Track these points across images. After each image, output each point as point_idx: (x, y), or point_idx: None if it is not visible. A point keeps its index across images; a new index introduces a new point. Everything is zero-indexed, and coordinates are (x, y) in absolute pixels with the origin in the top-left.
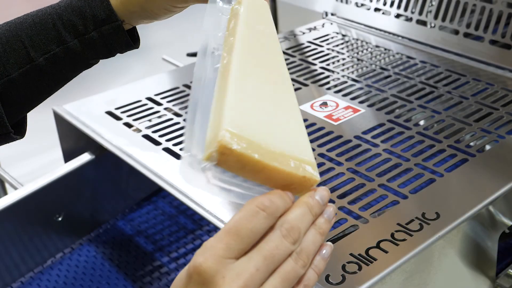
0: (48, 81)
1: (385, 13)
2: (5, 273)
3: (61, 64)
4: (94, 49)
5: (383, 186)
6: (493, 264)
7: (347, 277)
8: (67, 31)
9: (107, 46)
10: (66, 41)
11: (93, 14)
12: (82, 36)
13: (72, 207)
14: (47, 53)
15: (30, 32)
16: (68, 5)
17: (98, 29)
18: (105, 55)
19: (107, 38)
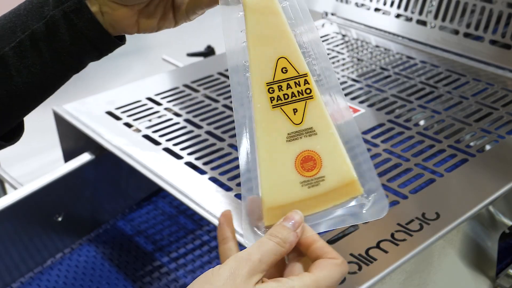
0: (17, 80)
1: (385, 13)
2: (5, 273)
3: (29, 56)
4: (58, 33)
5: (383, 186)
6: (493, 264)
7: (347, 277)
8: (33, 15)
9: (71, 28)
10: (31, 25)
11: None
12: (45, 18)
13: (72, 207)
14: (13, 41)
15: (3, 21)
16: None
17: (61, 7)
18: (74, 44)
19: (70, 17)
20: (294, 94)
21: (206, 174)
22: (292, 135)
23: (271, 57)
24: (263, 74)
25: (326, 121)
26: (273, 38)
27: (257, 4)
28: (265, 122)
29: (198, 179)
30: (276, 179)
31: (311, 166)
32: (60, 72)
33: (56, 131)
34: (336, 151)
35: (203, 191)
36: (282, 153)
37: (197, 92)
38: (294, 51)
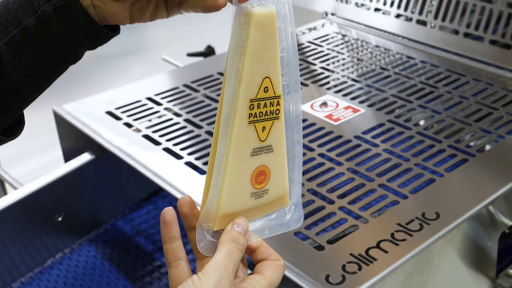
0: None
1: (385, 13)
2: (5, 273)
3: (22, 51)
4: (50, 27)
5: (383, 186)
6: (493, 264)
7: (347, 277)
8: (25, 9)
9: (63, 22)
10: (23, 20)
11: None
12: (36, 13)
13: (72, 207)
14: (6, 37)
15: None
16: None
17: (51, 2)
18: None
19: (61, 11)
20: (267, 113)
21: (206, 174)
22: (256, 150)
23: (260, 76)
24: (249, 90)
25: (282, 140)
26: (266, 57)
27: (263, 22)
28: (240, 136)
29: (198, 179)
30: (235, 189)
31: (262, 179)
32: (55, 65)
33: (56, 131)
34: (282, 168)
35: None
36: (245, 166)
37: (197, 92)
38: (277, 73)
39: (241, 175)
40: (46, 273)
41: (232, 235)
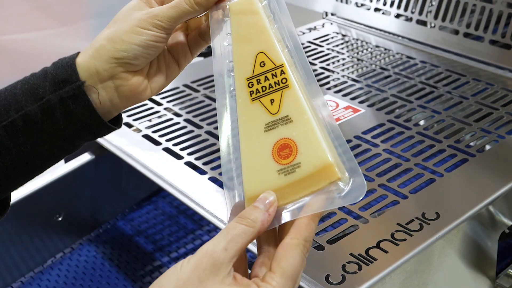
0: (8, 158)
1: (385, 13)
2: (5, 273)
3: (20, 136)
4: (53, 117)
5: (383, 186)
6: (493, 264)
7: (347, 277)
8: (28, 95)
9: (67, 113)
10: (25, 106)
11: (55, 74)
12: (41, 100)
13: (72, 207)
14: (5, 120)
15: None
16: (41, 70)
17: (57, 92)
18: (68, 129)
19: (66, 102)
20: (271, 85)
21: (206, 174)
22: (270, 125)
23: (251, 54)
24: (243, 70)
25: (301, 108)
26: (253, 36)
27: (239, 7)
28: (245, 115)
29: (198, 179)
30: (255, 169)
31: (287, 153)
32: (50, 153)
33: None
34: (311, 137)
35: (203, 191)
36: (260, 143)
37: (197, 92)
38: (271, 45)
39: (258, 153)
40: (46, 273)
41: (241, 212)
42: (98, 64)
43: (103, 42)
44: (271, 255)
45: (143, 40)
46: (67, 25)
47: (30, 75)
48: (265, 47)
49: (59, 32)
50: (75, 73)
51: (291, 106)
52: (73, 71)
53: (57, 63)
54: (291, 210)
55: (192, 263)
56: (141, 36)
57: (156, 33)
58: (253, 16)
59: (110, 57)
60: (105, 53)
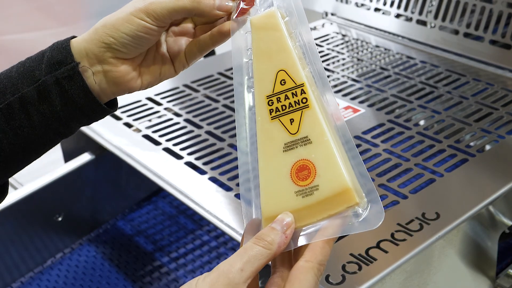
0: (5, 141)
1: (385, 13)
2: (5, 273)
3: (17, 119)
4: (49, 98)
5: (383, 186)
6: (493, 264)
7: (347, 277)
8: (24, 78)
9: (63, 94)
10: (22, 88)
11: (51, 56)
12: (36, 82)
13: (72, 207)
14: (2, 103)
15: None
16: (37, 53)
17: (53, 73)
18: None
19: (62, 83)
20: (291, 104)
21: (206, 174)
22: (289, 145)
23: (272, 71)
24: (264, 87)
25: (320, 129)
26: (274, 53)
27: (261, 22)
28: (264, 134)
29: (198, 179)
30: (273, 189)
31: (305, 175)
32: (46, 136)
33: None
34: (330, 159)
35: (203, 191)
36: (279, 163)
37: (197, 92)
38: (292, 63)
39: (276, 173)
40: (46, 273)
41: (258, 233)
42: (88, 47)
43: (97, 26)
44: (285, 276)
45: (133, 30)
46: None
47: (26, 59)
48: (286, 65)
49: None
50: (70, 55)
51: (311, 127)
52: (67, 52)
53: (53, 46)
54: (307, 234)
55: (208, 282)
56: (132, 25)
57: (147, 24)
58: (275, 32)
59: (99, 41)
60: (96, 37)
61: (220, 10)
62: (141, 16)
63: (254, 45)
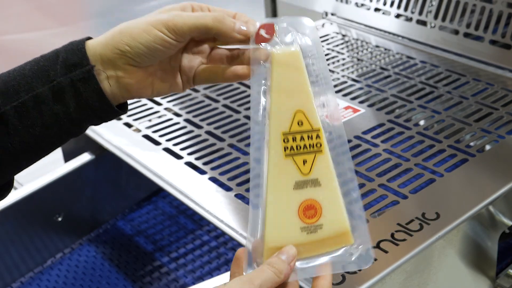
0: (17, 139)
1: (385, 13)
2: (5, 273)
3: (30, 117)
4: (63, 99)
5: (383, 186)
6: (493, 264)
7: (347, 277)
8: (39, 77)
9: (77, 96)
10: (36, 87)
11: (66, 58)
12: (52, 82)
13: (72, 207)
14: (15, 101)
15: (6, 78)
16: (51, 52)
17: (68, 75)
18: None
19: (77, 85)
20: (306, 146)
21: (206, 174)
22: (299, 183)
23: (290, 110)
24: (281, 124)
25: (331, 175)
26: (293, 92)
27: (284, 59)
28: (278, 168)
29: (198, 179)
30: (280, 222)
31: (312, 214)
32: (58, 136)
33: None
34: (336, 204)
35: (203, 191)
36: (288, 199)
37: (197, 92)
38: (311, 107)
39: (285, 207)
40: (46, 273)
41: (269, 260)
42: (103, 52)
43: (115, 32)
44: None
45: (149, 41)
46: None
47: (40, 57)
48: (304, 107)
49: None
50: (85, 58)
51: (322, 171)
52: (83, 55)
53: (68, 46)
54: (305, 268)
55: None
56: (149, 36)
57: (165, 36)
58: (297, 72)
59: (114, 47)
60: (111, 43)
61: (239, 34)
62: (160, 28)
63: (274, 79)
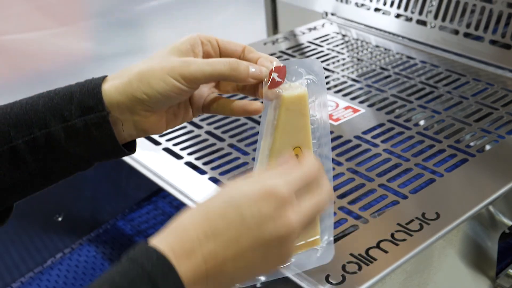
0: (26, 171)
1: (385, 13)
2: (5, 273)
3: (41, 152)
4: (76, 140)
5: (383, 186)
6: (493, 264)
7: (347, 277)
8: (52, 115)
9: (90, 138)
10: (49, 125)
11: (81, 99)
12: (65, 123)
13: (72, 207)
14: (27, 135)
15: (18, 111)
16: (63, 89)
17: (83, 117)
18: (88, 152)
19: (90, 128)
20: None
21: (206, 174)
22: None
23: (290, 146)
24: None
25: None
26: (296, 131)
27: (293, 102)
28: None
29: (198, 179)
30: None
31: None
32: (66, 170)
33: None
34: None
35: (203, 191)
36: None
37: None
38: (308, 142)
39: None
40: (46, 273)
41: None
42: (120, 99)
43: (131, 78)
44: None
45: (166, 90)
46: (67, 25)
47: (54, 93)
48: (303, 143)
49: (59, 32)
50: (101, 103)
51: None
52: (99, 100)
53: (83, 88)
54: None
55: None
56: (167, 85)
57: (181, 85)
58: (302, 116)
59: (132, 95)
60: (129, 90)
61: (253, 78)
62: (177, 78)
63: (281, 118)
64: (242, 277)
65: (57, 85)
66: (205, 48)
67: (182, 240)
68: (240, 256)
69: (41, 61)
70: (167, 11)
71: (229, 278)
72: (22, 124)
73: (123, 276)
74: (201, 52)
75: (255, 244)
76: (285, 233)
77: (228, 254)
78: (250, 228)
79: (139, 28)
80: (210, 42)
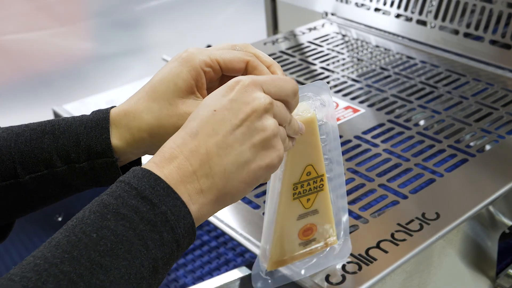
0: (32, 197)
1: (385, 13)
2: (5, 273)
3: (47, 185)
4: (83, 178)
5: (383, 186)
6: (493, 264)
7: (347, 277)
8: (59, 155)
9: (97, 178)
10: (56, 165)
11: (89, 144)
12: (72, 164)
13: (72, 207)
14: (34, 172)
15: (23, 147)
16: (67, 128)
17: (91, 161)
18: (95, 185)
19: (98, 171)
20: (311, 189)
21: None
22: (302, 215)
23: (302, 166)
24: (292, 176)
25: (328, 205)
26: (307, 151)
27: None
28: (286, 209)
29: None
30: (284, 243)
31: (309, 233)
32: (64, 195)
33: None
34: (329, 223)
35: None
36: (292, 227)
37: None
38: (319, 160)
39: (289, 233)
40: None
41: None
42: (129, 150)
43: (143, 135)
44: None
45: None
46: (67, 25)
47: (59, 132)
48: (314, 161)
49: (59, 32)
50: (109, 149)
51: (321, 203)
52: (107, 147)
53: (91, 132)
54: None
55: None
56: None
57: None
58: (312, 136)
59: (141, 149)
60: (143, 147)
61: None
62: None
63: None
64: (238, 169)
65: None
66: (208, 75)
67: (162, 152)
68: (222, 143)
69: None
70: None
71: (221, 170)
72: (28, 162)
73: (110, 195)
74: (205, 83)
75: (233, 126)
76: (257, 105)
77: (209, 146)
78: (223, 116)
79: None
80: (211, 67)
